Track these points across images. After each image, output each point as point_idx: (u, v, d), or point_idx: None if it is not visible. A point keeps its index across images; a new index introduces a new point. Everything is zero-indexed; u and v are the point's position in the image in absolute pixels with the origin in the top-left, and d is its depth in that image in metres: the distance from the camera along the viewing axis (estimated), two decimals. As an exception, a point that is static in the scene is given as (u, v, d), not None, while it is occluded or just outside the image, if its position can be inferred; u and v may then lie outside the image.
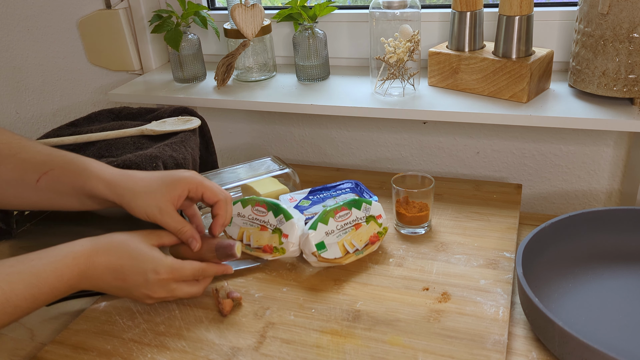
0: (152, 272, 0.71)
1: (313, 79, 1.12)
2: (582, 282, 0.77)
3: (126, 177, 0.76)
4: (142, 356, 0.69)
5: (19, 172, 0.78)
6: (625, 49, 0.85)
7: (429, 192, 0.88)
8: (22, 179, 0.78)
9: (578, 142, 1.05)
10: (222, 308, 0.74)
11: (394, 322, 0.71)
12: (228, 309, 0.75)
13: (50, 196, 0.79)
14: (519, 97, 0.94)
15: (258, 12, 1.08)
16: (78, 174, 0.77)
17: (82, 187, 0.76)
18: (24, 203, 0.81)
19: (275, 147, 1.29)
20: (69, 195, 0.78)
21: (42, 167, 0.78)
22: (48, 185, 0.78)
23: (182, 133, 1.00)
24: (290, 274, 0.83)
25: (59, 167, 0.78)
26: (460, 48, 1.00)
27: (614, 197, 1.07)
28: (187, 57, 1.16)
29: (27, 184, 0.78)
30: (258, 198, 0.86)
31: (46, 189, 0.78)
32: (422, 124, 1.14)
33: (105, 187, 0.75)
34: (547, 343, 0.67)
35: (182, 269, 0.73)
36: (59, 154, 0.79)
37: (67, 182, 0.77)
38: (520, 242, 0.79)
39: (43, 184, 0.77)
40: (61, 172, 0.77)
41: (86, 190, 0.77)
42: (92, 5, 1.28)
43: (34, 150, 0.79)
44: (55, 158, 0.79)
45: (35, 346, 0.75)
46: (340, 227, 0.82)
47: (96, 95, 1.39)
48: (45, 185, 0.78)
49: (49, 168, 0.78)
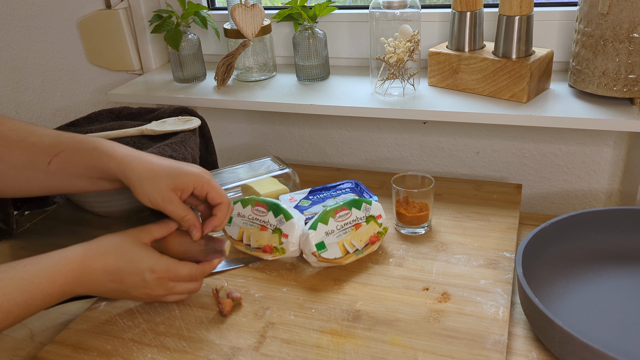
0: (148, 272, 0.71)
1: (313, 79, 1.12)
2: (582, 282, 0.77)
3: (137, 159, 0.76)
4: (142, 356, 0.69)
5: (28, 157, 0.77)
6: (625, 49, 0.85)
7: (429, 192, 0.88)
8: (33, 163, 0.77)
9: (578, 142, 1.05)
10: (222, 308, 0.75)
11: (394, 322, 0.71)
12: (228, 309, 0.75)
13: (62, 178, 0.78)
14: (519, 97, 0.94)
15: (258, 12, 1.08)
16: (89, 153, 0.76)
17: (94, 166, 0.76)
18: (36, 188, 0.80)
19: (275, 147, 1.29)
20: (81, 176, 0.78)
21: (52, 149, 0.77)
22: (60, 167, 0.77)
23: (182, 133, 1.00)
24: (290, 274, 0.82)
25: (69, 148, 0.77)
26: (460, 48, 1.00)
27: (614, 197, 1.07)
28: (187, 57, 1.16)
29: (38, 167, 0.77)
30: (258, 198, 0.86)
31: (58, 171, 0.77)
32: (422, 124, 1.14)
33: (116, 166, 0.75)
34: (547, 343, 0.67)
35: (178, 269, 0.73)
36: (68, 135, 0.79)
37: (78, 163, 0.77)
38: (520, 242, 0.79)
39: (54, 167, 0.77)
40: (72, 153, 0.77)
41: (98, 169, 0.76)
42: (92, 5, 1.28)
43: (42, 134, 0.79)
44: (65, 139, 0.78)
45: (35, 346, 0.75)
46: (340, 227, 0.82)
47: (96, 95, 1.39)
48: (57, 168, 0.77)
49: (60, 150, 0.77)
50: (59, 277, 0.67)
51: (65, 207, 1.06)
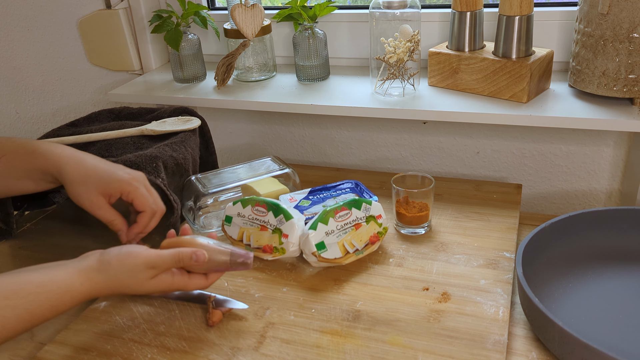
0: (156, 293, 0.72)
1: (313, 79, 1.12)
2: (582, 282, 0.77)
3: (72, 160, 0.80)
4: (142, 356, 0.69)
5: None
6: (625, 49, 0.85)
7: (429, 192, 0.88)
8: None
9: (578, 142, 1.05)
10: (209, 317, 0.73)
11: (394, 322, 0.71)
12: (215, 320, 0.73)
13: (6, 182, 0.83)
14: (519, 97, 0.94)
15: (258, 12, 1.08)
16: (29, 155, 0.81)
17: (34, 167, 0.81)
18: None
19: (275, 147, 1.29)
20: (24, 177, 0.82)
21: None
22: (2, 171, 0.81)
23: (182, 133, 1.00)
24: (290, 274, 0.82)
25: (11, 152, 0.82)
26: (460, 48, 1.00)
27: (614, 197, 1.07)
28: (187, 57, 1.16)
29: None
30: (258, 198, 0.86)
31: (1, 175, 0.82)
32: (422, 124, 1.14)
33: (52, 166, 0.80)
34: (547, 343, 0.67)
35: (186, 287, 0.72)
36: (9, 140, 0.84)
37: (20, 166, 0.81)
38: (520, 242, 0.79)
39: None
40: (14, 157, 0.82)
41: (38, 170, 0.81)
42: (92, 5, 1.28)
43: None
44: (5, 145, 0.83)
45: (35, 346, 0.75)
46: (340, 227, 0.82)
47: (96, 95, 1.39)
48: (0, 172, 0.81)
49: (1, 154, 0.81)
50: (63, 308, 0.66)
51: (65, 207, 1.06)
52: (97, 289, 0.68)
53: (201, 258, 0.70)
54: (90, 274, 0.68)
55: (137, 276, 0.69)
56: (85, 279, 0.67)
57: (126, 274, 0.68)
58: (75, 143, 0.99)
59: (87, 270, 0.68)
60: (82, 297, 0.67)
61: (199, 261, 0.70)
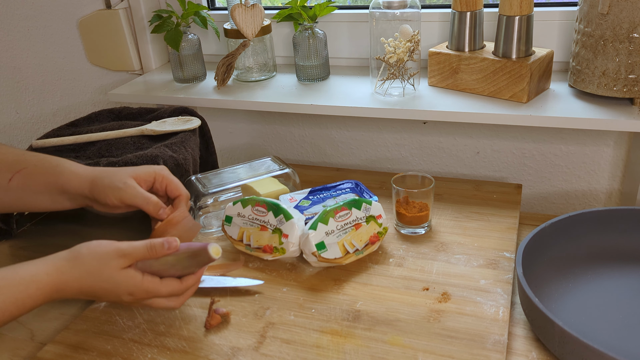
0: (126, 295, 0.67)
1: (313, 79, 1.12)
2: (582, 282, 0.77)
3: (98, 170, 0.79)
4: (142, 356, 0.69)
5: None
6: (625, 49, 0.85)
7: (429, 192, 0.88)
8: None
9: (578, 142, 1.05)
10: (208, 320, 0.73)
11: (394, 322, 0.71)
12: (213, 324, 0.73)
13: (22, 195, 0.79)
14: (519, 97, 0.94)
15: (258, 12, 1.08)
16: (51, 170, 0.79)
17: (55, 182, 0.78)
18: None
19: (275, 147, 1.29)
20: (42, 193, 0.79)
21: (14, 166, 0.79)
22: (20, 184, 0.78)
23: (182, 133, 1.00)
24: (290, 274, 0.82)
25: (32, 165, 0.79)
26: (460, 48, 1.00)
27: (614, 197, 1.07)
28: (187, 57, 1.16)
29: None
30: (258, 198, 0.86)
31: (18, 188, 0.79)
32: (422, 124, 1.14)
33: (77, 180, 0.77)
34: (547, 343, 0.67)
35: (158, 291, 0.68)
36: (31, 154, 0.81)
37: (40, 180, 0.78)
38: (520, 242, 0.79)
39: (15, 183, 0.78)
40: (34, 170, 0.79)
41: (59, 186, 0.78)
42: (92, 5, 1.28)
43: (4, 151, 0.81)
44: (27, 157, 0.80)
45: (35, 346, 0.75)
46: (340, 227, 0.82)
47: (96, 95, 1.39)
48: (17, 184, 0.78)
49: (22, 167, 0.79)
50: (29, 301, 0.63)
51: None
52: (64, 279, 0.65)
53: (173, 245, 0.68)
54: (57, 262, 0.66)
55: (107, 263, 0.66)
56: (51, 267, 0.65)
57: (96, 261, 0.66)
58: (75, 143, 0.99)
59: (55, 259, 0.66)
60: (50, 287, 0.64)
61: (171, 248, 0.68)
